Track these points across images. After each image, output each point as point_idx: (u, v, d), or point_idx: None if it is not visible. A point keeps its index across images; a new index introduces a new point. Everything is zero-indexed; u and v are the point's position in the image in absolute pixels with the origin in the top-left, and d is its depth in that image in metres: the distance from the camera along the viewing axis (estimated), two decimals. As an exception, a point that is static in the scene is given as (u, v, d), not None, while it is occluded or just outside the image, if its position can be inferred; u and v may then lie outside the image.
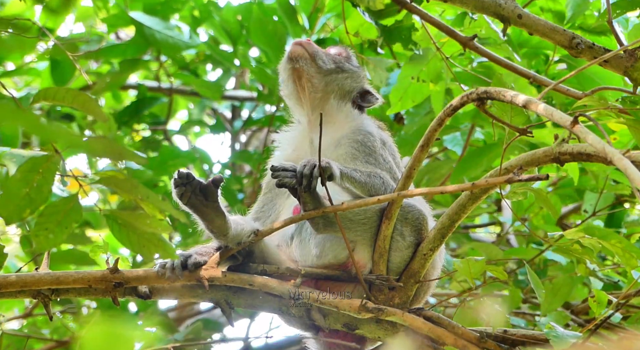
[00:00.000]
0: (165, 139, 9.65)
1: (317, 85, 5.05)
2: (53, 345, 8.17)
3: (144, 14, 8.34)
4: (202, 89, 8.96)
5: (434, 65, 5.94)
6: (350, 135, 4.95)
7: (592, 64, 4.56)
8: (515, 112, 4.35)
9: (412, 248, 4.66)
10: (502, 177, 4.14)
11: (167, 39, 8.23)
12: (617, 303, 4.66)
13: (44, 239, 3.81)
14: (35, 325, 8.50)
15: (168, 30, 8.26)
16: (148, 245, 3.94)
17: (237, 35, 8.58)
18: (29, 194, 3.73)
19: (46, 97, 3.80)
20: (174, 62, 9.22)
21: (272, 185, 4.81)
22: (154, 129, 9.61)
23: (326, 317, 4.68)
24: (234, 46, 8.59)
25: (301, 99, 5.08)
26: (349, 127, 5.01)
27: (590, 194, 7.19)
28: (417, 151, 4.44)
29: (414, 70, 5.98)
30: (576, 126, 3.79)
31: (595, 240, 4.71)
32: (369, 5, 5.48)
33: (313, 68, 5.03)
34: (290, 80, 5.07)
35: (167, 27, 8.29)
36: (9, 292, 4.53)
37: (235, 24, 8.55)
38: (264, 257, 4.71)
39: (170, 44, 8.25)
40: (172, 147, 9.20)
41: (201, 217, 4.57)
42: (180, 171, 4.48)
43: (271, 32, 8.23)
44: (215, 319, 9.11)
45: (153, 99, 9.15)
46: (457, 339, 4.50)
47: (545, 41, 6.33)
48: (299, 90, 5.07)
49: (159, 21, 8.29)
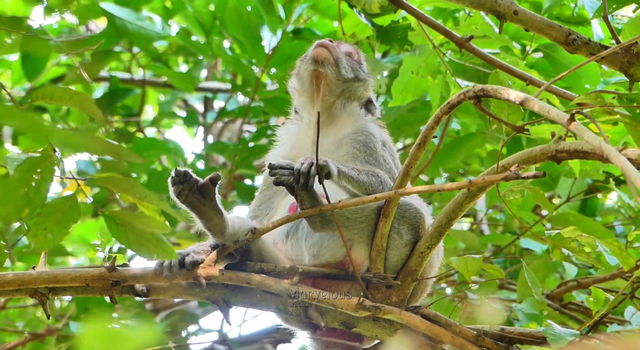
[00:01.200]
0: (138, 131, 9.61)
1: (333, 90, 5.07)
2: (28, 339, 8.16)
3: (116, 5, 8.30)
4: (175, 80, 8.92)
5: (432, 61, 5.95)
6: (353, 135, 4.97)
7: (590, 61, 4.57)
8: (512, 110, 4.36)
9: (409, 246, 4.67)
10: (500, 174, 4.14)
11: (139, 30, 8.19)
12: (614, 302, 4.67)
13: (42, 238, 3.81)
14: (8, 318, 8.46)
15: (140, 21, 8.23)
16: (147, 244, 3.94)
17: (210, 26, 8.55)
18: (28, 194, 3.73)
19: (43, 97, 3.79)
20: (146, 54, 9.17)
21: (270, 182, 4.82)
22: (127, 121, 9.58)
23: (324, 315, 4.68)
24: (207, 37, 8.55)
25: (313, 99, 5.09)
26: (352, 127, 5.02)
27: (565, 180, 7.21)
28: (414, 149, 4.45)
29: (413, 65, 5.99)
30: (573, 124, 3.80)
31: (592, 238, 4.72)
32: (365, 8, 5.48)
33: (335, 74, 5.05)
34: (307, 80, 5.08)
35: (139, 18, 8.25)
36: (6, 291, 4.53)
37: (208, 14, 8.52)
38: (261, 256, 4.72)
39: (142, 35, 8.21)
40: (147, 138, 9.18)
41: (198, 215, 4.58)
42: (177, 169, 4.49)
43: (247, 22, 8.22)
44: (191, 311, 9.13)
45: (125, 90, 9.12)
46: (454, 337, 4.50)
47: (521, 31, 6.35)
48: (313, 90, 5.08)
49: (130, 12, 8.24)
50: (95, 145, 3.52)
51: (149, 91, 9.88)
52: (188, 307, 9.28)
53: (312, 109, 5.07)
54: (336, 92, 5.08)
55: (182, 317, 8.77)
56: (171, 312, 9.05)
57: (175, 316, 8.58)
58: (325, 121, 5.02)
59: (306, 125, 5.10)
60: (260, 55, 8.34)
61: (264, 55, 8.33)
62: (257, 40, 8.29)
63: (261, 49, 8.33)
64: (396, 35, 5.69)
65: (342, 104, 5.09)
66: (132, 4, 8.35)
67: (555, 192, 7.54)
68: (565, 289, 7.20)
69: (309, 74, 5.06)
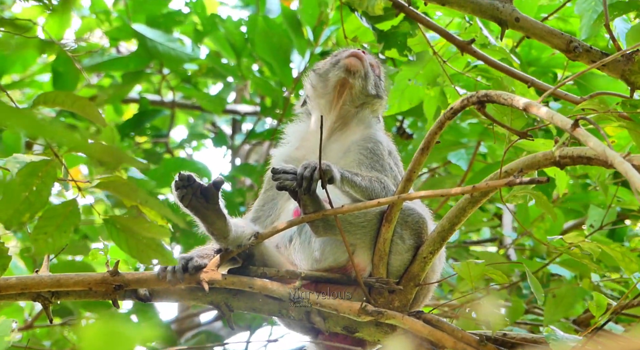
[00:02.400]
0: (166, 152, 9.65)
1: (355, 101, 5.11)
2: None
3: (147, 26, 8.35)
4: (204, 102, 8.98)
5: (430, 69, 5.94)
6: (361, 142, 4.98)
7: (591, 69, 4.55)
8: (516, 115, 4.35)
9: (412, 251, 4.66)
10: (503, 180, 4.13)
11: (170, 51, 8.26)
12: (616, 307, 4.66)
13: (43, 243, 3.81)
14: (35, 336, 8.48)
15: (170, 42, 8.28)
16: (146, 250, 3.95)
17: (241, 48, 8.58)
18: (29, 198, 3.73)
19: (46, 101, 3.80)
20: (176, 75, 9.22)
21: (273, 183, 4.83)
22: (156, 141, 9.61)
23: (326, 320, 4.68)
24: (237, 59, 8.59)
25: (331, 103, 5.11)
26: (361, 134, 5.04)
27: (595, 209, 7.19)
28: (418, 154, 4.45)
29: (411, 72, 5.98)
30: (577, 129, 3.79)
31: (595, 244, 4.71)
32: (367, 10, 5.47)
33: (361, 87, 5.09)
34: (333, 85, 5.09)
35: (170, 39, 8.31)
36: (9, 295, 4.54)
37: (239, 36, 8.56)
38: (264, 260, 4.72)
39: (172, 56, 8.28)
40: (175, 158, 9.21)
41: (202, 220, 4.57)
42: (181, 173, 4.49)
43: (276, 45, 8.27)
44: (216, 332, 9.13)
45: (155, 111, 9.17)
46: (456, 342, 4.50)
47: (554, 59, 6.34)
48: (335, 95, 5.10)
49: (161, 34, 8.30)
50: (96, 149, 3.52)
51: (178, 114, 9.94)
52: (213, 328, 9.30)
53: (327, 113, 5.08)
54: (356, 103, 5.12)
55: (207, 338, 8.78)
56: (196, 333, 9.06)
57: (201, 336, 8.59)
58: (338, 127, 5.05)
59: (315, 126, 5.10)
60: (289, 78, 8.41)
61: (292, 77, 8.39)
62: (285, 62, 8.33)
63: (289, 72, 8.40)
64: (396, 41, 5.69)
65: (356, 113, 5.12)
66: (163, 26, 8.39)
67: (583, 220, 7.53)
68: (591, 314, 7.16)
69: (337, 80, 5.07)
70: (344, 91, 5.09)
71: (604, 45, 6.26)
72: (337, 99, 5.09)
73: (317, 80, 5.17)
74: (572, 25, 6.42)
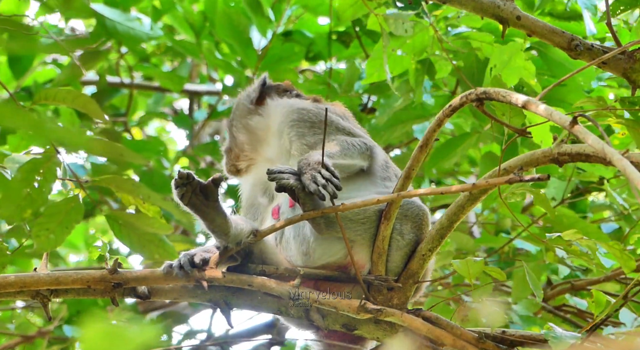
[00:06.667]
0: (125, 131, 9.60)
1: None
2: (18, 341, 8.13)
3: (105, 5, 8.30)
4: (163, 80, 8.91)
5: (421, 38, 5.92)
6: (285, 120, 5.03)
7: (591, 65, 4.56)
8: (514, 113, 4.36)
9: (411, 245, 4.65)
10: (503, 177, 4.14)
11: (129, 30, 8.17)
12: (615, 304, 4.67)
13: (45, 239, 3.81)
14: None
15: (129, 22, 8.21)
16: (149, 245, 3.95)
17: (200, 27, 8.55)
18: (30, 195, 3.73)
19: (47, 98, 3.79)
20: (134, 54, 9.16)
21: (252, 199, 4.92)
22: (115, 120, 9.56)
23: (325, 317, 4.68)
24: (197, 38, 8.56)
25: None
26: (281, 114, 5.08)
27: (552, 179, 7.22)
28: (416, 152, 4.45)
29: (398, 42, 5.96)
30: (576, 126, 3.80)
31: (593, 241, 4.72)
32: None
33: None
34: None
35: (129, 19, 8.24)
36: (8, 293, 4.53)
37: (198, 15, 8.53)
38: (263, 258, 4.71)
39: (131, 35, 8.19)
40: (137, 140, 9.17)
41: (202, 217, 4.57)
42: (180, 171, 4.48)
43: (236, 25, 8.22)
44: (180, 311, 9.13)
45: (113, 90, 9.11)
46: (455, 340, 4.50)
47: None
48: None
49: (120, 13, 8.24)
50: (98, 146, 3.52)
51: (137, 98, 9.87)
52: (177, 307, 9.29)
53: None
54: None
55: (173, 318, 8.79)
56: (162, 313, 9.06)
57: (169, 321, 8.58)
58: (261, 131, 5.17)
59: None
60: (252, 58, 8.36)
61: (255, 57, 8.34)
62: (247, 42, 8.30)
63: (252, 52, 8.35)
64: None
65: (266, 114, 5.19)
66: (121, 5, 8.34)
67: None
68: (558, 291, 7.22)
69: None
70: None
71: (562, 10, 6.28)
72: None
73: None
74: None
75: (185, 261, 4.51)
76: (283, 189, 4.47)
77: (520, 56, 5.48)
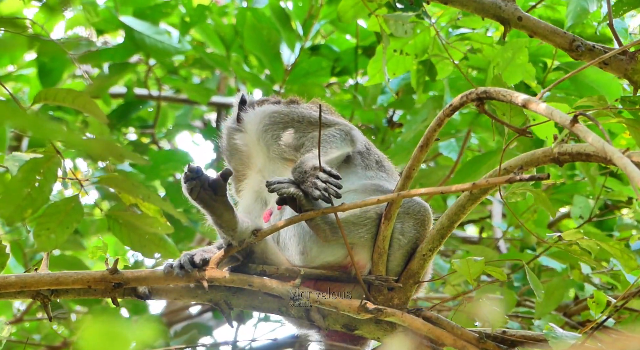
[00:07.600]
0: (152, 143, 9.63)
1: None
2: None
3: (134, 18, 8.33)
4: (190, 92, 8.93)
5: (422, 39, 5.92)
6: (259, 127, 5.07)
7: (591, 64, 4.56)
8: (515, 112, 4.36)
9: (412, 243, 4.65)
10: (503, 177, 4.14)
11: (157, 43, 8.22)
12: (615, 304, 4.67)
13: (45, 239, 3.81)
14: (24, 330, 8.45)
15: (158, 34, 8.25)
16: (149, 245, 3.95)
17: (231, 40, 8.57)
18: (31, 194, 3.73)
19: (47, 98, 3.79)
20: (162, 67, 9.19)
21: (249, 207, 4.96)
22: (143, 132, 9.58)
23: (325, 317, 4.68)
24: (227, 51, 8.58)
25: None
26: (255, 123, 5.12)
27: (579, 198, 7.21)
28: (417, 151, 4.44)
29: (399, 42, 5.95)
30: (576, 125, 3.80)
31: (594, 242, 4.72)
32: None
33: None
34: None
35: (157, 31, 8.28)
36: (8, 293, 4.52)
37: (229, 28, 8.54)
38: (265, 258, 4.71)
39: (159, 48, 8.24)
40: (165, 150, 9.18)
41: (210, 212, 4.57)
42: (190, 165, 4.49)
43: (265, 39, 8.24)
44: (205, 323, 9.12)
45: (140, 102, 9.13)
46: (456, 340, 4.49)
47: (543, 48, 6.34)
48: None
49: (148, 26, 8.27)
50: (98, 147, 3.51)
51: (164, 111, 9.90)
52: (202, 319, 9.29)
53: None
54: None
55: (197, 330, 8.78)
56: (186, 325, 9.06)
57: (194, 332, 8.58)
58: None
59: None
60: (279, 72, 8.39)
61: (282, 71, 8.38)
62: (275, 56, 8.32)
63: (280, 66, 8.38)
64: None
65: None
66: (150, 18, 8.36)
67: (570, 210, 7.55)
68: (582, 306, 7.19)
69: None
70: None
71: (592, 32, 6.27)
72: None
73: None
74: (560, 13, 6.41)
75: (186, 261, 4.51)
76: (284, 199, 4.49)
77: (524, 53, 5.47)
